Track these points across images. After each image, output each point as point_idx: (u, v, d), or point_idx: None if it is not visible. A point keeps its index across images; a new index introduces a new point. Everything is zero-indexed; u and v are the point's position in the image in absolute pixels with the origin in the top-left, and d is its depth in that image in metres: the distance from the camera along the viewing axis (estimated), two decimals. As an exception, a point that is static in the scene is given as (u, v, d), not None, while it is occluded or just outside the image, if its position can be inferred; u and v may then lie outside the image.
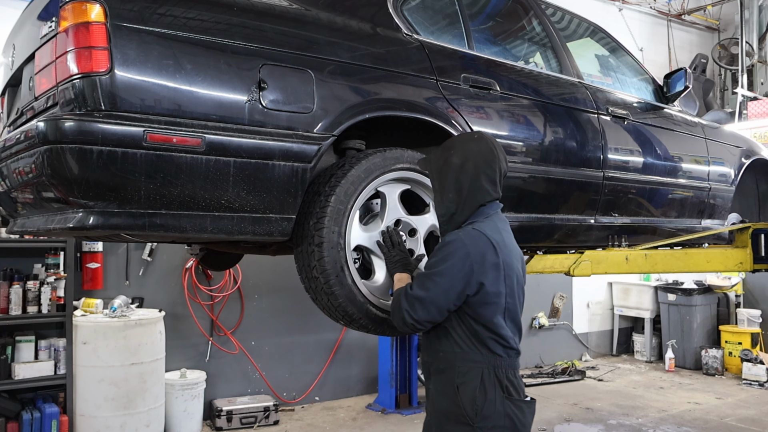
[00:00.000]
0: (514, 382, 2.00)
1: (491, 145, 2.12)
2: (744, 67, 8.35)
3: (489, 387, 1.96)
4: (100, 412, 4.32)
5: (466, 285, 1.94)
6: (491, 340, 1.99)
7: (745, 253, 3.97)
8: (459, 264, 1.94)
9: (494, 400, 1.95)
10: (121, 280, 4.99)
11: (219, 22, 1.97)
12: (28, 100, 2.14)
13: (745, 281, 7.48)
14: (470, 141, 2.14)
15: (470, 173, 2.06)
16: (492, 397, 1.96)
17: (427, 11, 2.81)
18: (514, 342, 2.02)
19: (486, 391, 1.96)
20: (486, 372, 1.97)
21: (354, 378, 6.05)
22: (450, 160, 2.10)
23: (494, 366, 1.98)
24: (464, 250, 1.95)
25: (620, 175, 3.28)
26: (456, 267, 1.94)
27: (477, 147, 2.10)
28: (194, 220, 1.91)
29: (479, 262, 1.94)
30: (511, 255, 2.04)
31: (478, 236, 1.98)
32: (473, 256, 1.94)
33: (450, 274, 1.94)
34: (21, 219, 2.30)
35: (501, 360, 1.99)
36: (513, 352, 2.02)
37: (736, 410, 5.60)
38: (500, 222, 2.10)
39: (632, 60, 3.86)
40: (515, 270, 2.04)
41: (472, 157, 2.08)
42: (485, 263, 1.95)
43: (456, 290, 1.94)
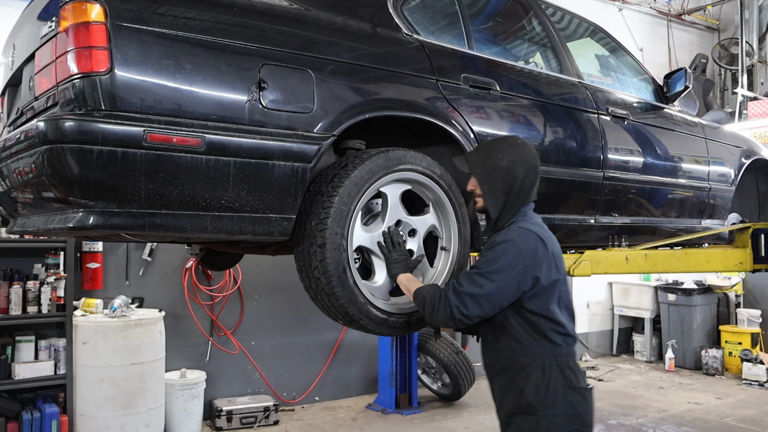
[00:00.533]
0: (575, 370, 2.05)
1: (533, 150, 2.24)
2: (744, 67, 8.35)
3: (551, 377, 2.02)
4: (100, 412, 4.32)
5: (521, 281, 2.01)
6: (550, 330, 2.05)
7: (745, 253, 3.97)
8: (513, 261, 2.01)
9: (556, 389, 2.01)
10: (121, 280, 4.99)
11: (219, 22, 1.97)
12: (28, 100, 2.14)
13: (745, 281, 7.48)
14: (517, 146, 2.22)
15: (520, 177, 2.15)
16: (554, 386, 2.01)
17: (427, 11, 2.81)
18: (571, 329, 2.09)
19: (548, 381, 2.02)
20: (547, 362, 2.03)
21: (354, 378, 6.05)
22: (499, 164, 2.16)
23: (555, 356, 2.04)
24: (517, 248, 2.02)
25: (620, 175, 3.28)
26: (510, 264, 2.00)
27: (524, 152, 2.20)
28: (194, 220, 1.91)
29: (532, 257, 2.02)
30: (556, 246, 2.14)
31: (527, 233, 2.07)
32: (525, 253, 2.02)
33: (505, 271, 2.00)
34: (21, 219, 2.30)
35: (560, 348, 2.05)
36: (570, 339, 2.08)
37: (736, 410, 5.60)
38: (538, 219, 2.21)
39: (632, 60, 3.86)
40: (563, 259, 2.15)
41: (521, 162, 2.17)
42: (537, 257, 2.03)
43: (511, 287, 2.01)
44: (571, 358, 2.08)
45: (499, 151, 2.20)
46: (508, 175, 2.16)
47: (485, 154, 2.22)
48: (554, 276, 2.07)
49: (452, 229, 2.45)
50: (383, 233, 2.26)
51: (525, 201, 2.18)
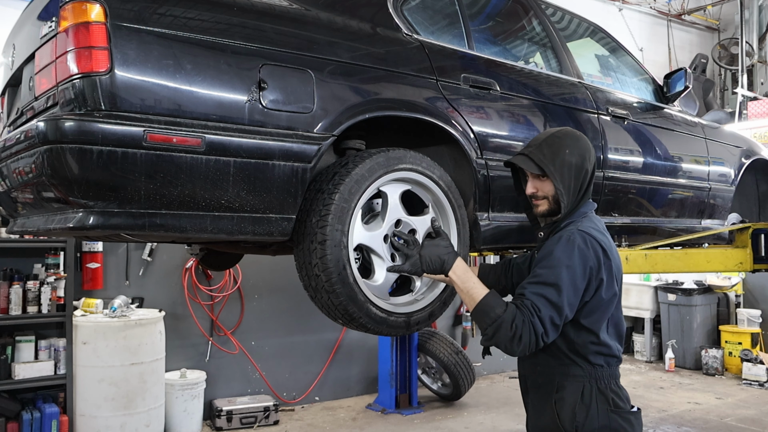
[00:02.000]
0: (618, 393, 1.90)
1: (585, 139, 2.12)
2: (744, 67, 8.36)
3: (591, 401, 1.86)
4: (100, 412, 4.32)
5: (585, 294, 1.86)
6: (592, 350, 1.90)
7: (745, 253, 3.97)
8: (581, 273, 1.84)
9: (596, 416, 1.85)
10: (121, 280, 4.99)
11: (219, 22, 1.97)
12: (28, 100, 2.14)
13: (745, 281, 7.48)
14: (581, 138, 2.10)
15: (590, 171, 2.06)
16: (594, 412, 1.86)
17: (427, 11, 2.81)
18: (617, 350, 1.93)
19: (588, 407, 1.86)
20: (587, 386, 1.88)
21: (354, 378, 6.05)
22: (569, 160, 2.02)
23: (596, 378, 1.89)
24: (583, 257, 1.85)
25: (620, 175, 3.28)
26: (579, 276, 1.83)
27: (588, 144, 2.10)
28: (194, 220, 1.91)
29: (597, 268, 1.87)
30: (616, 255, 1.95)
31: (591, 241, 1.89)
32: (592, 261, 1.86)
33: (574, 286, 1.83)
34: (21, 219, 2.30)
35: (602, 370, 1.89)
36: (614, 360, 1.93)
37: (736, 410, 5.61)
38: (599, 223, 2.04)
39: (632, 60, 3.86)
40: (621, 271, 1.98)
41: (589, 155, 2.07)
42: (601, 269, 1.87)
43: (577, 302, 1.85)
44: (614, 381, 1.92)
45: (566, 146, 2.05)
46: (579, 172, 2.03)
47: (550, 150, 2.05)
48: (611, 292, 1.90)
49: (451, 231, 2.45)
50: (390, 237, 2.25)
51: (589, 196, 2.08)
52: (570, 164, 2.02)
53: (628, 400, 1.92)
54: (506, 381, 6.52)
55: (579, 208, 2.04)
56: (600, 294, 1.87)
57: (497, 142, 2.64)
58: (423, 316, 2.37)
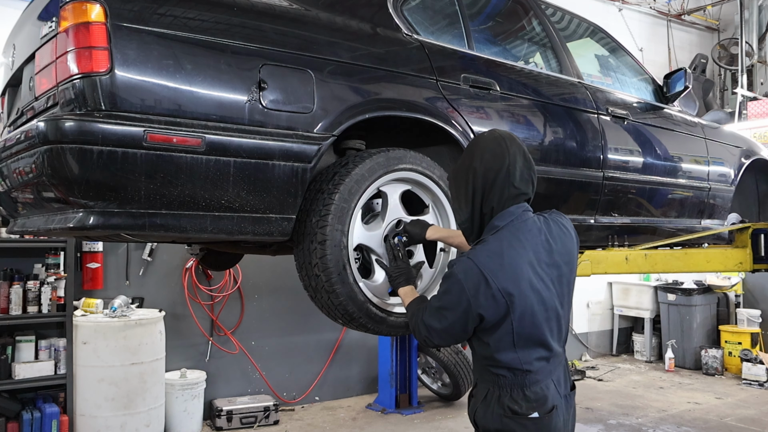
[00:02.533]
0: (518, 400, 1.89)
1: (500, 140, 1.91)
2: (744, 67, 8.35)
3: (489, 404, 1.93)
4: (100, 412, 4.32)
5: (467, 320, 1.86)
6: (491, 364, 1.92)
7: (744, 253, 3.97)
8: (456, 300, 1.86)
9: (491, 418, 1.92)
10: (121, 280, 4.99)
11: (219, 22, 1.97)
12: (28, 100, 2.14)
13: (745, 281, 7.48)
14: (483, 139, 1.94)
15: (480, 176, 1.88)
16: (490, 414, 1.92)
17: (427, 11, 2.81)
18: (524, 362, 1.89)
19: (486, 408, 1.94)
20: (490, 390, 1.94)
21: (354, 378, 6.05)
22: (462, 164, 1.93)
23: (498, 385, 1.92)
24: (459, 286, 1.84)
25: (620, 175, 3.28)
26: (454, 303, 1.86)
27: (493, 145, 1.90)
28: (194, 220, 1.91)
29: (474, 296, 1.82)
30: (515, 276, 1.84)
31: (470, 268, 1.83)
32: (468, 291, 1.83)
33: (451, 310, 1.87)
34: (21, 219, 2.30)
35: (504, 380, 1.91)
36: (520, 371, 1.90)
37: (735, 410, 5.61)
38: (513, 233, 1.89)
39: (632, 60, 3.86)
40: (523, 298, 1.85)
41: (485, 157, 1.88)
42: (479, 297, 1.82)
43: (460, 324, 1.88)
44: (517, 389, 1.89)
45: (468, 149, 1.97)
46: (469, 176, 1.89)
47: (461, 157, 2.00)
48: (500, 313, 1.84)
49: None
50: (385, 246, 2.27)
51: (495, 207, 1.89)
52: (461, 169, 1.92)
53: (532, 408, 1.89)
54: (506, 381, 6.49)
55: (490, 221, 1.91)
56: (486, 320, 1.85)
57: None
58: (423, 316, 2.37)
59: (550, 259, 1.92)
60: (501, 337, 1.87)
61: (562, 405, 1.95)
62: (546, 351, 1.93)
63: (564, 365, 2.03)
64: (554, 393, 1.94)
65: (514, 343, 1.87)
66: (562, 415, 1.95)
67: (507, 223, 1.88)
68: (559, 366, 1.98)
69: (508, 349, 1.88)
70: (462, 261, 1.88)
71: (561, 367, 2.00)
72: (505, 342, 1.87)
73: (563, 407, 1.96)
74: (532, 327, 1.88)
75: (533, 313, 1.87)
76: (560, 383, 1.97)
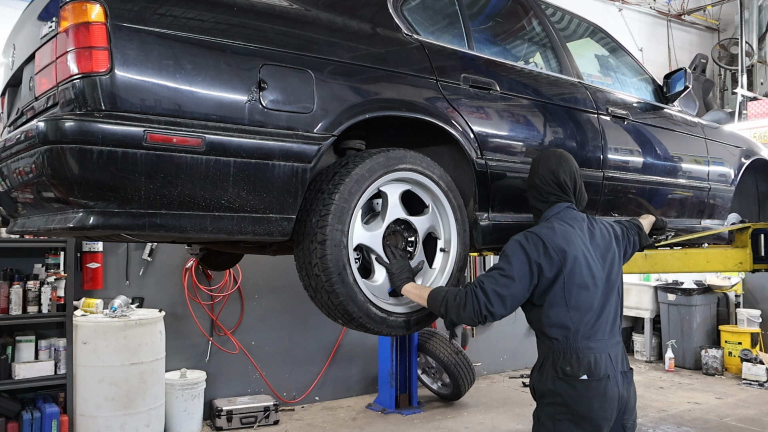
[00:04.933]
0: (571, 362, 2.20)
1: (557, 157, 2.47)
2: (744, 67, 8.36)
3: (544, 368, 2.26)
4: (100, 412, 4.32)
5: (531, 278, 2.21)
6: (546, 325, 2.25)
7: (744, 253, 3.96)
8: (520, 261, 2.21)
9: (546, 380, 2.24)
10: (121, 280, 4.99)
11: (219, 22, 1.97)
12: (28, 100, 2.14)
13: (745, 281, 7.48)
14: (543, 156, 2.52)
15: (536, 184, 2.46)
16: (545, 377, 2.24)
17: (427, 11, 2.81)
18: (576, 323, 2.21)
19: (541, 373, 2.27)
20: (547, 357, 2.26)
21: (354, 378, 6.05)
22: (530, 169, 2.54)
23: (552, 350, 2.24)
24: (521, 247, 2.23)
25: (620, 175, 3.28)
26: (519, 264, 2.20)
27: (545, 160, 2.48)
28: (194, 220, 1.91)
29: (536, 254, 2.21)
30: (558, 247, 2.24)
31: (529, 235, 2.26)
32: (530, 251, 2.21)
33: (515, 270, 2.19)
34: (21, 219, 2.30)
35: (558, 344, 2.23)
36: (572, 333, 2.21)
37: (735, 410, 5.61)
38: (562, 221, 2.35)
39: (632, 60, 3.86)
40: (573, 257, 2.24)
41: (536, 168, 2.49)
42: (540, 255, 2.21)
43: (522, 287, 2.20)
44: (569, 353, 2.21)
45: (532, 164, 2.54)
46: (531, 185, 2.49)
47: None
48: (554, 271, 2.21)
49: (451, 231, 2.45)
50: (383, 246, 2.27)
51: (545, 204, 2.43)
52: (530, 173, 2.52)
53: (581, 371, 2.19)
54: (506, 381, 6.52)
55: (544, 213, 2.43)
56: (544, 276, 2.21)
57: (497, 142, 2.64)
58: (423, 316, 2.38)
59: (593, 242, 2.36)
60: (555, 293, 2.22)
61: (618, 378, 2.24)
62: (599, 319, 2.25)
63: (623, 347, 2.35)
64: (608, 364, 2.23)
65: (566, 300, 2.22)
66: (617, 386, 2.23)
67: (554, 214, 2.40)
68: (617, 345, 2.30)
69: (561, 306, 2.22)
70: (519, 234, 2.29)
71: (618, 347, 2.31)
72: (558, 298, 2.22)
73: (620, 381, 2.25)
74: (583, 288, 2.24)
75: (582, 274, 2.24)
76: (617, 360, 2.27)
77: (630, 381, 2.32)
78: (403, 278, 2.26)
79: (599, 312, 2.26)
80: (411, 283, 2.27)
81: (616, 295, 2.35)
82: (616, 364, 2.25)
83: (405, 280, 2.26)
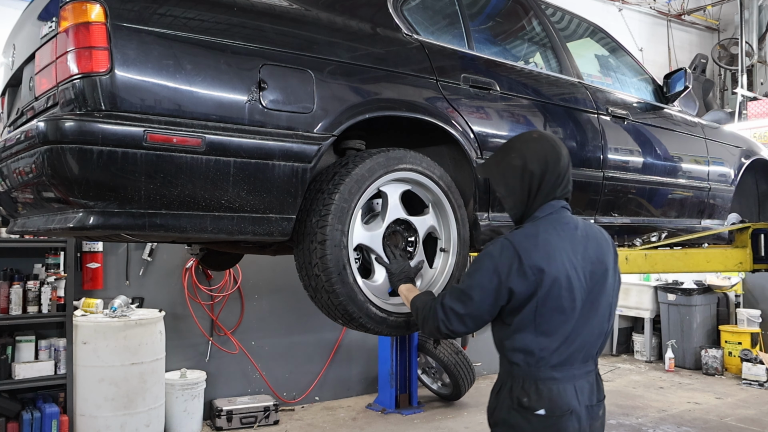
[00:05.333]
0: (529, 393, 1.90)
1: (553, 143, 2.04)
2: (744, 67, 8.36)
3: (501, 394, 1.98)
4: (100, 412, 4.32)
5: (498, 297, 1.90)
6: (508, 348, 1.95)
7: (744, 253, 3.97)
8: (488, 277, 1.90)
9: (501, 409, 1.96)
10: (121, 280, 4.99)
11: (219, 22, 1.97)
12: (28, 100, 2.14)
13: (745, 281, 7.48)
14: (530, 141, 2.05)
15: (536, 173, 1.98)
16: (501, 404, 1.97)
17: (427, 11, 2.81)
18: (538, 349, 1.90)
19: (497, 398, 1.99)
20: (505, 381, 1.97)
21: (354, 378, 6.05)
22: (512, 162, 2.02)
23: (511, 375, 1.95)
24: (492, 262, 1.90)
25: (620, 175, 3.28)
26: (486, 281, 1.90)
27: (535, 146, 2.02)
28: (194, 220, 1.91)
29: (507, 272, 1.88)
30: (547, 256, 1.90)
31: (505, 245, 1.91)
32: (501, 267, 1.88)
33: (481, 288, 1.90)
34: (21, 219, 2.30)
35: (518, 369, 1.93)
36: (535, 360, 1.91)
37: (735, 410, 5.61)
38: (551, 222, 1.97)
39: (632, 60, 3.86)
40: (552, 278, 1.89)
41: (534, 157, 1.99)
42: (511, 272, 1.87)
43: (489, 303, 1.91)
44: (529, 381, 1.90)
45: (513, 149, 2.06)
46: (522, 174, 1.99)
47: (499, 154, 2.11)
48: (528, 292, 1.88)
49: (451, 231, 2.45)
50: (383, 246, 2.27)
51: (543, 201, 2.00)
52: (511, 167, 2.02)
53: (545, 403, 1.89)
54: (506, 381, 6.49)
55: (533, 213, 2.00)
56: (515, 297, 1.88)
57: (497, 142, 2.64)
58: (423, 316, 2.37)
59: (585, 254, 1.97)
60: (525, 316, 1.90)
61: (581, 413, 1.92)
62: (570, 347, 1.92)
63: (594, 377, 2.01)
64: (572, 398, 1.91)
65: (535, 325, 1.89)
66: (579, 423, 1.91)
67: (546, 215, 1.99)
68: (586, 376, 1.97)
69: (529, 329, 1.90)
70: (497, 240, 1.96)
71: (588, 378, 1.98)
72: (527, 321, 1.90)
73: (583, 416, 1.92)
74: (557, 312, 1.89)
75: (559, 297, 1.89)
76: (583, 392, 1.95)
77: (596, 415, 1.98)
78: (402, 279, 2.22)
79: (573, 339, 1.92)
80: (405, 285, 2.20)
81: (602, 318, 1.99)
82: (581, 397, 1.93)
83: (403, 281, 2.21)
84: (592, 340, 1.97)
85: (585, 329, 1.94)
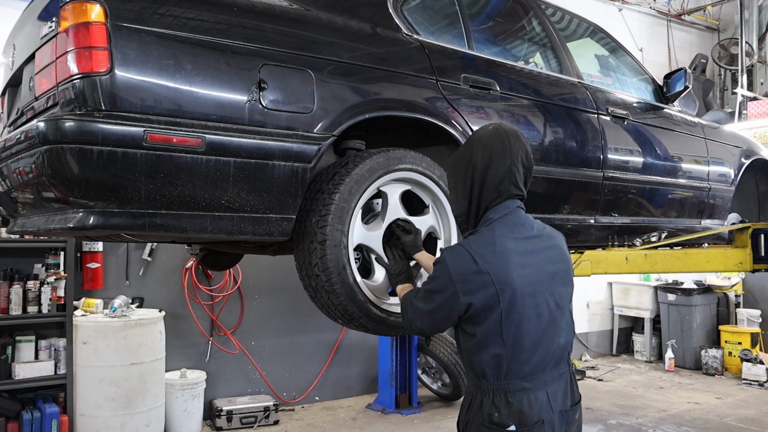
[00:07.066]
0: (500, 408, 1.81)
1: (504, 137, 1.88)
2: (744, 67, 8.35)
3: (472, 410, 1.89)
4: (100, 412, 4.32)
5: (453, 306, 1.80)
6: (476, 360, 1.84)
7: (744, 253, 3.97)
8: (444, 285, 1.81)
9: (472, 425, 1.88)
10: (121, 280, 4.99)
11: (219, 22, 1.97)
12: (28, 100, 2.14)
13: (745, 281, 7.48)
14: (487, 131, 1.92)
15: (479, 167, 1.86)
16: (472, 421, 1.89)
17: (427, 11, 2.81)
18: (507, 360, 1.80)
19: (469, 414, 1.91)
20: (475, 395, 1.88)
21: (354, 378, 6.05)
22: (463, 154, 1.92)
23: (481, 389, 1.86)
24: (447, 271, 1.80)
25: (620, 175, 3.28)
26: (442, 288, 1.81)
27: (492, 138, 1.88)
28: (194, 220, 1.91)
29: (462, 281, 1.77)
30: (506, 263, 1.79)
31: (462, 253, 1.80)
32: (456, 276, 1.78)
33: (438, 293, 1.83)
34: (21, 219, 2.30)
35: (487, 383, 1.84)
36: (504, 374, 1.81)
37: (735, 410, 5.61)
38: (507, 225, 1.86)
39: (632, 60, 3.86)
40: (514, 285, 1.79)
41: (485, 149, 1.86)
42: (468, 282, 1.77)
43: (446, 310, 1.83)
44: (499, 395, 1.81)
45: (469, 140, 1.95)
46: (469, 170, 1.86)
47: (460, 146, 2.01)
48: (491, 302, 1.77)
49: (452, 231, 2.45)
50: (383, 246, 2.26)
51: (491, 202, 1.87)
52: (461, 158, 1.91)
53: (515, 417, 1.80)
54: (506, 381, 6.50)
55: (485, 213, 1.88)
56: (474, 308, 1.78)
57: (497, 142, 2.64)
58: (423, 316, 2.37)
59: (544, 255, 1.89)
60: (489, 326, 1.79)
61: (554, 420, 1.84)
62: (539, 354, 1.83)
63: (567, 379, 1.92)
64: (545, 406, 1.82)
65: (503, 337, 1.79)
66: (552, 430, 1.83)
67: (500, 216, 1.87)
68: (559, 379, 1.88)
69: (496, 340, 1.80)
70: (453, 247, 1.87)
71: (561, 381, 1.89)
72: (494, 332, 1.79)
73: (557, 423, 1.84)
74: (525, 320, 1.80)
75: (524, 305, 1.79)
76: (556, 397, 1.86)
77: (571, 419, 1.89)
78: (401, 279, 2.18)
79: (542, 345, 1.82)
80: (405, 285, 2.15)
81: (568, 318, 1.91)
82: (554, 403, 1.83)
83: (403, 281, 2.17)
84: (561, 343, 1.88)
85: (553, 333, 1.85)
